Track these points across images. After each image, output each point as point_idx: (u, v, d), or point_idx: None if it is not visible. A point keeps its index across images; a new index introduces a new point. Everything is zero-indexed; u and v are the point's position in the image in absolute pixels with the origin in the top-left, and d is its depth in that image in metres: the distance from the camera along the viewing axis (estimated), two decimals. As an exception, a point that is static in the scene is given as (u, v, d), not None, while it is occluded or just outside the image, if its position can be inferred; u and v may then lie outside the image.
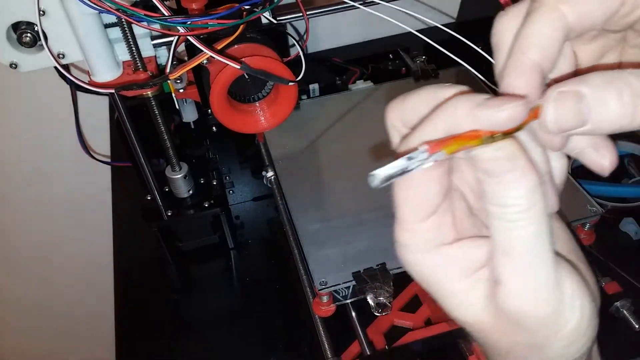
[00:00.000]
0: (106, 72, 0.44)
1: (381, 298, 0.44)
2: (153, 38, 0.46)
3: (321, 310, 0.47)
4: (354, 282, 0.45)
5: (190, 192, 0.56)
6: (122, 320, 0.57)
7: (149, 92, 0.47)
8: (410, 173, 0.19)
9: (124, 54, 0.45)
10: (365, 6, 0.49)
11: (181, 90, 0.48)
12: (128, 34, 0.43)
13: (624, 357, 0.49)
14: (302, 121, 0.60)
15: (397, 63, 0.75)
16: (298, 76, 0.36)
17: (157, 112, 0.49)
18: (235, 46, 0.37)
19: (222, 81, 0.37)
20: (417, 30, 0.58)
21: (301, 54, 0.38)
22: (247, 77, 0.39)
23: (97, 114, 0.82)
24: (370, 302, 0.44)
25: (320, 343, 0.48)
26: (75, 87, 0.71)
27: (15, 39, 0.42)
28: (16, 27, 0.43)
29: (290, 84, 0.36)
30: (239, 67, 0.33)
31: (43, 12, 0.41)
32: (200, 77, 0.44)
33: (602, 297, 0.47)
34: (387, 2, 0.55)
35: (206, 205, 0.56)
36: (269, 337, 0.55)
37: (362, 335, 0.48)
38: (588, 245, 0.52)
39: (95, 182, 0.89)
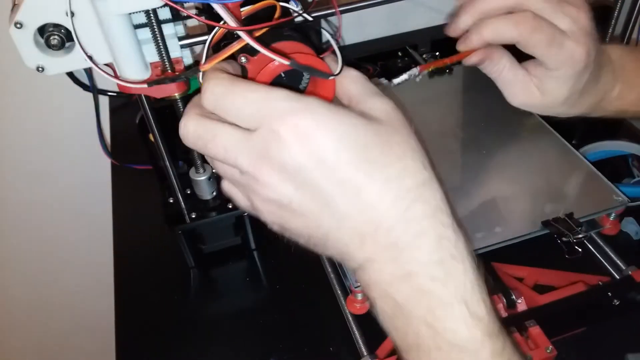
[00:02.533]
0: (135, 73, 0.44)
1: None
2: (180, 39, 0.46)
3: (356, 307, 0.47)
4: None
5: (214, 194, 0.56)
6: (123, 321, 0.56)
7: (176, 94, 0.46)
8: None
9: (151, 55, 0.45)
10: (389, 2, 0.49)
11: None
12: (157, 35, 0.43)
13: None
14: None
15: (406, 60, 0.75)
16: (337, 70, 0.36)
17: (183, 114, 0.49)
18: (274, 44, 0.37)
19: (264, 79, 0.37)
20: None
21: (336, 48, 0.38)
22: (282, 75, 0.39)
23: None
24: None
25: (354, 341, 0.48)
26: (97, 92, 0.70)
27: (43, 42, 0.42)
28: (42, 29, 0.42)
29: (331, 77, 0.36)
30: (288, 62, 0.33)
31: (72, 13, 0.40)
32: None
33: (632, 285, 0.48)
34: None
35: (229, 207, 0.56)
36: (293, 335, 0.54)
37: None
38: (612, 235, 0.53)
39: (95, 181, 0.89)
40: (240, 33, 0.32)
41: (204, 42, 0.47)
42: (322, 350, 0.52)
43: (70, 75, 0.70)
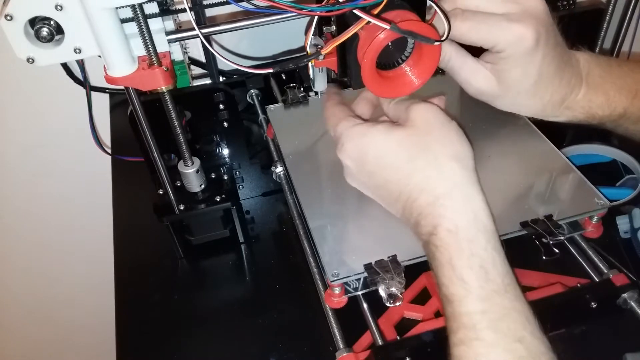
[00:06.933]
0: (122, 66, 0.45)
1: (393, 289, 0.44)
2: (167, 34, 0.47)
3: (333, 302, 0.48)
4: (365, 274, 0.46)
5: (202, 186, 0.57)
6: (123, 316, 0.58)
7: (163, 87, 0.47)
8: None
9: (138, 49, 0.46)
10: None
11: (321, 58, 0.46)
12: (144, 29, 0.44)
13: (631, 348, 0.50)
14: (311, 116, 0.61)
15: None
16: (444, 37, 0.38)
17: (170, 107, 0.50)
18: (383, 14, 0.39)
19: (375, 48, 0.38)
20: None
21: (440, 13, 0.40)
22: (390, 44, 0.41)
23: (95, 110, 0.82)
24: (382, 293, 0.45)
25: (332, 335, 0.49)
26: (90, 87, 0.71)
27: (33, 34, 0.43)
28: (33, 22, 0.43)
29: (436, 43, 0.38)
30: (388, 27, 0.36)
31: (60, 7, 0.42)
32: (344, 46, 0.44)
33: (610, 289, 0.48)
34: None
35: (217, 199, 0.57)
36: (279, 330, 0.55)
37: (373, 326, 0.48)
38: (595, 238, 0.53)
39: (97, 178, 0.90)
40: (356, 11, 0.36)
41: (193, 36, 0.49)
42: (303, 343, 0.53)
43: (66, 69, 0.71)
